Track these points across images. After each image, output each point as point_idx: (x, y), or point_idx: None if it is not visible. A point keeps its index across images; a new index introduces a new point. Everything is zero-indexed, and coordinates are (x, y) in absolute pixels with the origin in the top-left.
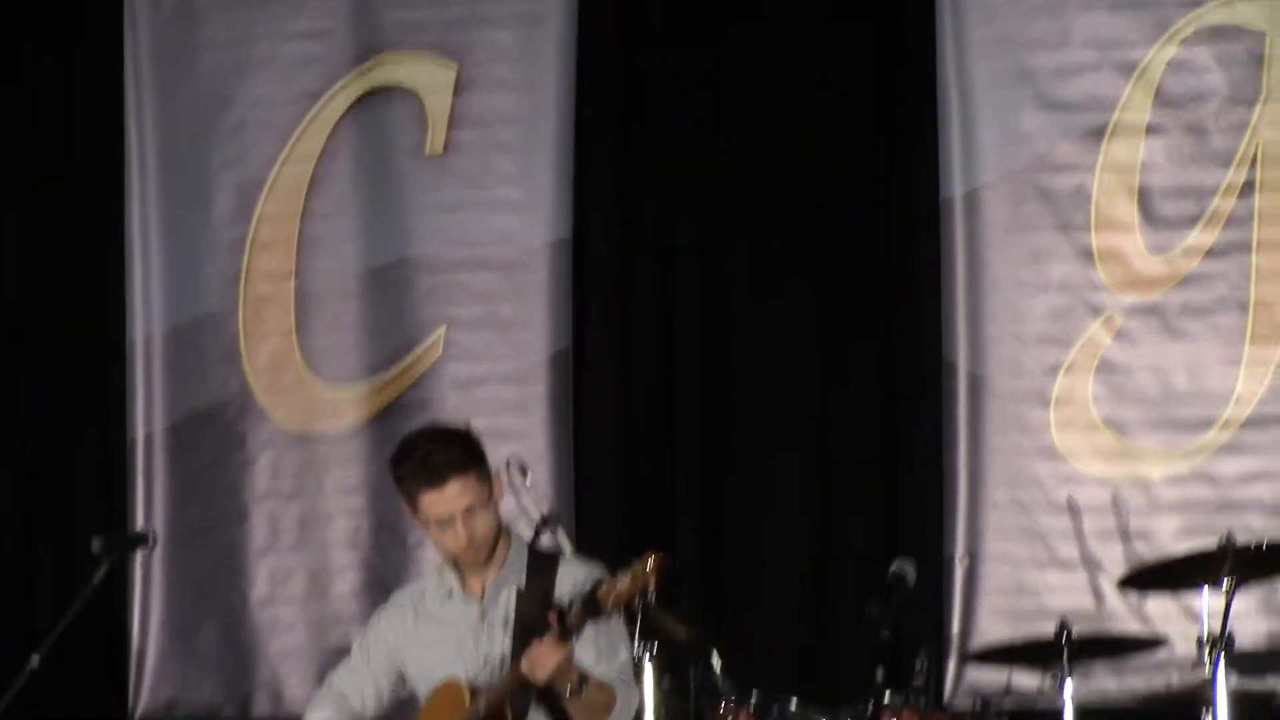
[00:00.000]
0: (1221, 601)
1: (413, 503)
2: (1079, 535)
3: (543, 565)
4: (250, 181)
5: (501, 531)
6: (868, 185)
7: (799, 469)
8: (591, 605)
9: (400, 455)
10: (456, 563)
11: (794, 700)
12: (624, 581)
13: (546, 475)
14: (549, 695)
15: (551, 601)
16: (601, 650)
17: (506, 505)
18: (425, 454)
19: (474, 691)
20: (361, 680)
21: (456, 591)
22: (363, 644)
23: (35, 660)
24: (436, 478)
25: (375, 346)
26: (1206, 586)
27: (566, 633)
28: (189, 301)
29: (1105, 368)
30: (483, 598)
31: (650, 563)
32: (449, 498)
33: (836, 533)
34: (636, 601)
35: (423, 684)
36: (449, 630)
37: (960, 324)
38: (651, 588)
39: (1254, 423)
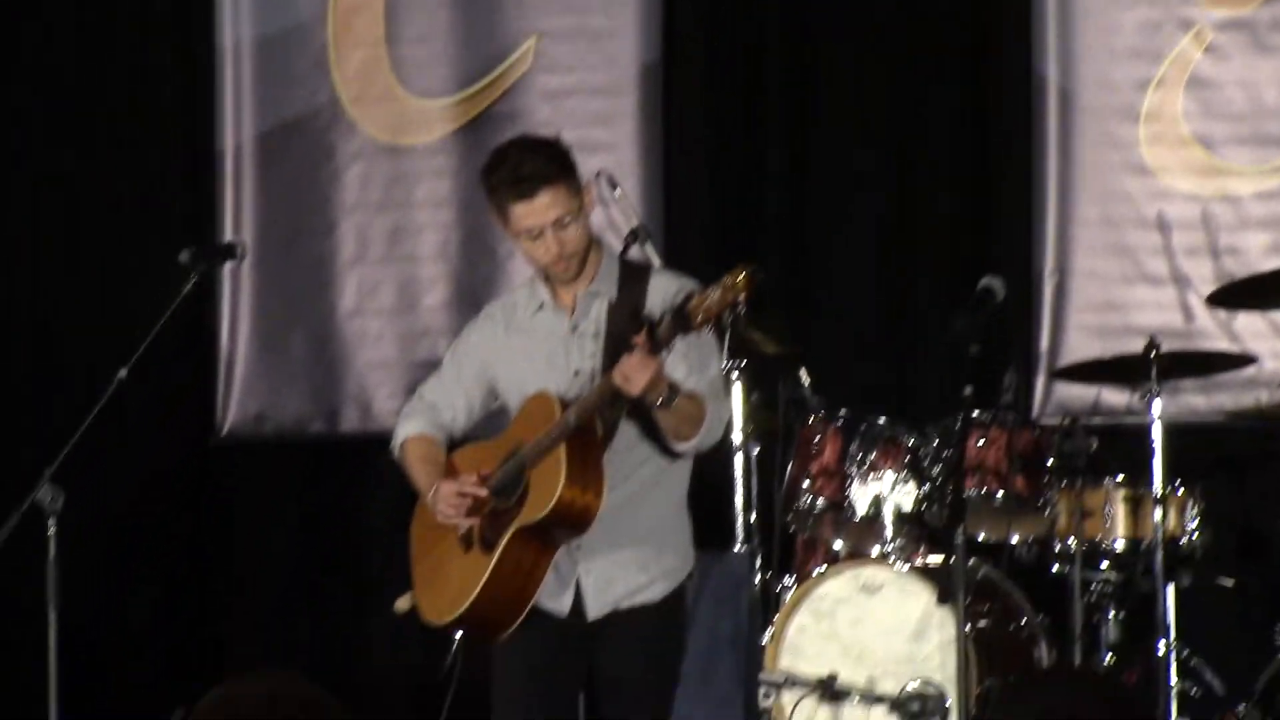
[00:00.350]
0: None
1: (503, 214)
2: (1168, 251)
3: (634, 278)
4: None
5: (592, 244)
6: None
7: (888, 183)
8: (681, 319)
9: (491, 166)
10: (547, 276)
11: (881, 417)
12: (714, 295)
13: (635, 189)
14: (639, 407)
15: (642, 314)
16: (692, 364)
17: (595, 219)
18: (516, 165)
19: (564, 404)
20: (452, 392)
21: (548, 304)
22: (454, 356)
23: (123, 373)
24: (527, 189)
25: (465, 57)
26: None
27: (656, 346)
28: (278, 10)
29: (1195, 83)
30: (574, 310)
31: (741, 276)
32: (539, 209)
33: (925, 249)
34: (726, 315)
35: (513, 396)
36: (540, 342)
37: (1051, 37)
38: (741, 301)
39: None
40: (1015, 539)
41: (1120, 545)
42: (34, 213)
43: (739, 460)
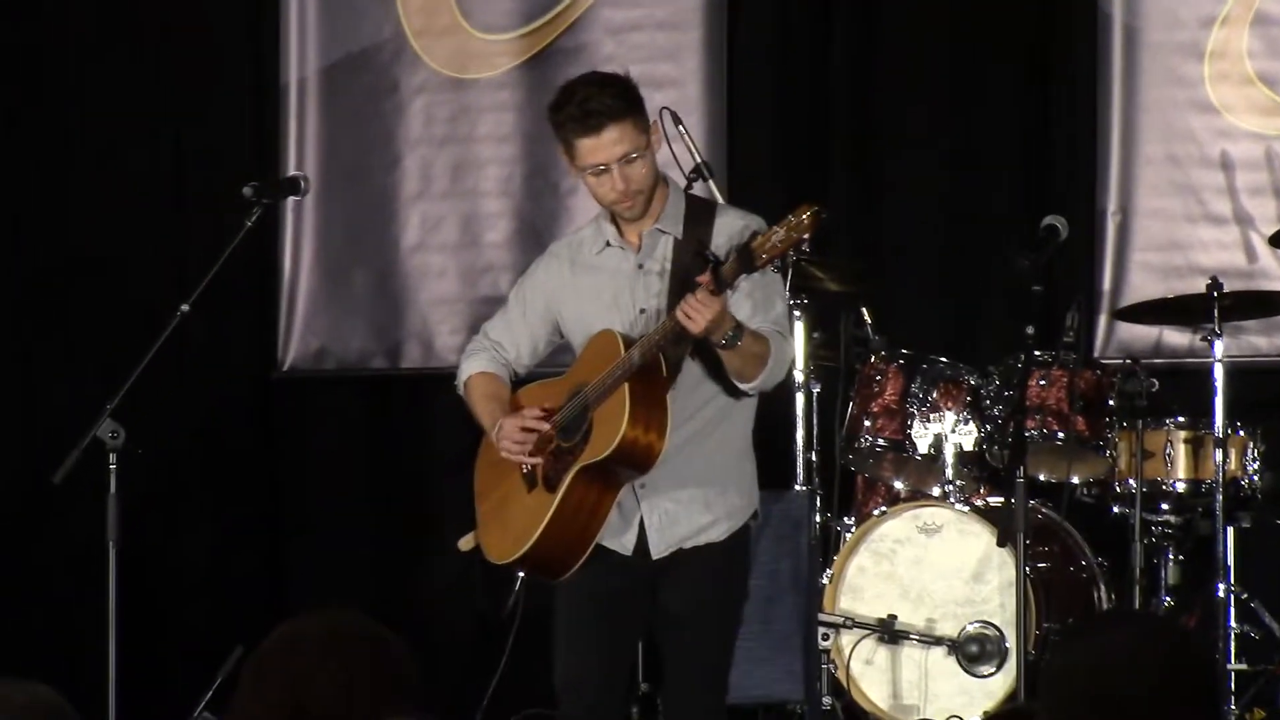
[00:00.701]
0: None
1: (570, 150)
2: (1232, 191)
3: (700, 215)
4: None
5: (659, 181)
6: None
7: (953, 120)
8: (746, 257)
9: (558, 102)
10: (614, 214)
11: (943, 356)
12: (778, 234)
13: (699, 124)
14: (704, 346)
15: (707, 252)
16: (757, 302)
17: (658, 156)
18: (583, 100)
19: (629, 342)
20: (516, 330)
21: (614, 241)
22: (519, 294)
23: (185, 308)
24: (594, 124)
25: None
26: None
27: (720, 285)
28: None
29: (1261, 20)
30: (639, 248)
31: (806, 215)
32: (605, 145)
33: (988, 187)
34: (790, 254)
35: (578, 334)
36: (605, 280)
37: None
38: (806, 240)
39: None
40: (1075, 480)
41: (1181, 487)
42: (96, 147)
43: (800, 399)
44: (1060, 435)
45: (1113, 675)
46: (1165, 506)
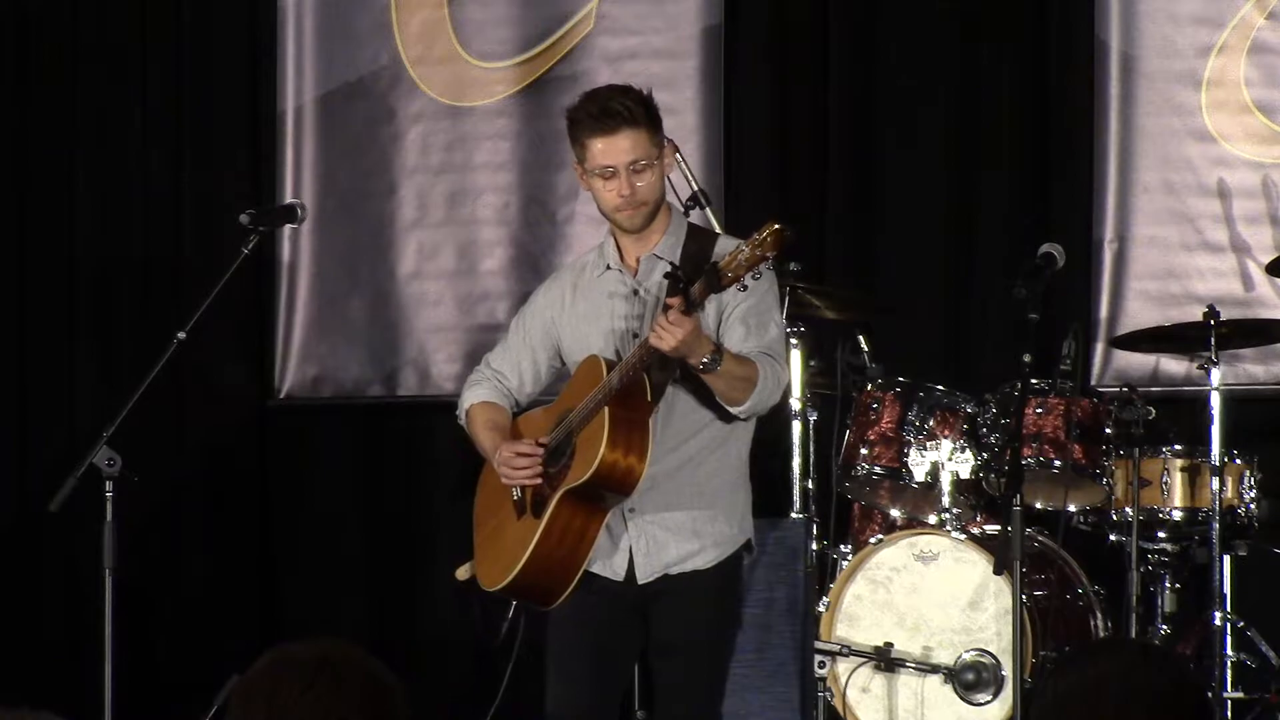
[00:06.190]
0: None
1: (582, 149)
2: (1229, 219)
3: (699, 244)
4: None
5: (663, 203)
6: None
7: (950, 149)
8: (713, 277)
9: (579, 103)
10: (615, 232)
11: (939, 384)
12: (744, 252)
13: (696, 152)
14: (687, 369)
15: (675, 272)
16: (751, 327)
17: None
18: (604, 100)
19: (612, 366)
20: (518, 356)
21: (614, 266)
22: (519, 321)
23: (181, 335)
24: (610, 124)
25: (527, 19)
26: None
27: (690, 304)
28: None
29: (1258, 49)
30: (636, 273)
31: (769, 232)
32: (618, 147)
33: (985, 215)
34: (757, 271)
35: (575, 357)
36: (603, 304)
37: (1113, 1)
38: (770, 257)
39: None
40: (1072, 508)
41: (1177, 515)
42: (93, 174)
43: (796, 426)
44: (1057, 463)
45: (1106, 703)
46: (1162, 534)
